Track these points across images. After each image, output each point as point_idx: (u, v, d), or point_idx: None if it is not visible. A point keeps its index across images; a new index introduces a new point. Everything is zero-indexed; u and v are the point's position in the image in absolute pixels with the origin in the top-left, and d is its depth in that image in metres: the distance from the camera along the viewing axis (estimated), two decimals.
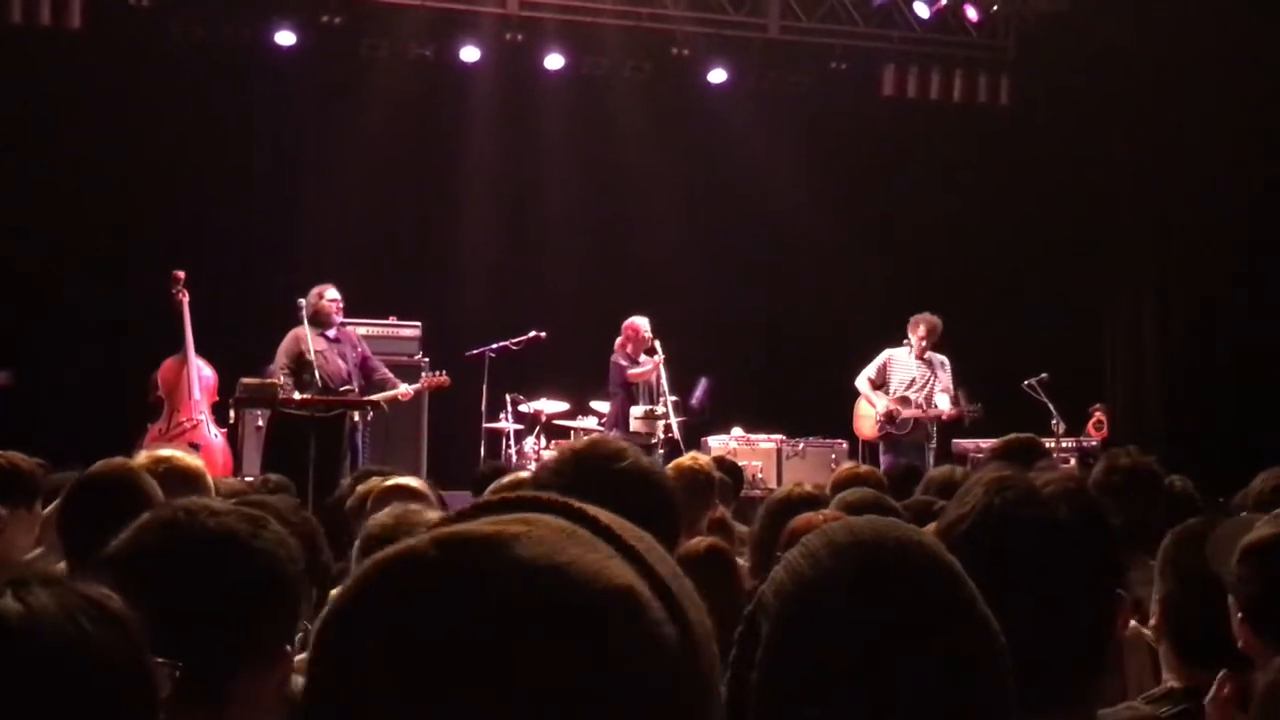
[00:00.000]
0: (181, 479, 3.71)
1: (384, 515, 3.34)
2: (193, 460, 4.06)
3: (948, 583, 1.37)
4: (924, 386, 11.13)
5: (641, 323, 11.25)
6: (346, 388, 9.95)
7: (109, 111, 11.80)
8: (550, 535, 0.90)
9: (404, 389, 10.16)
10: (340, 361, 10.04)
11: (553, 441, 11.40)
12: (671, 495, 2.39)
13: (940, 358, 11.23)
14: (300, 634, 2.15)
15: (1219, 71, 11.89)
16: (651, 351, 11.24)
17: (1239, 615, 2.52)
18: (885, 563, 1.37)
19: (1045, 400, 10.93)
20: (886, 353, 11.30)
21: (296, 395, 9.59)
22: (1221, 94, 11.95)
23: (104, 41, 11.88)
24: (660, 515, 2.28)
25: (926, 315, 11.15)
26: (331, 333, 10.07)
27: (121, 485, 3.34)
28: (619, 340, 11.31)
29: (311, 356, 9.79)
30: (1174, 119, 12.54)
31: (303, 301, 9.94)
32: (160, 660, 1.42)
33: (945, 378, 11.17)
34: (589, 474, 2.38)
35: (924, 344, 11.11)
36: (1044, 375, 10.99)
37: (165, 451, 4.06)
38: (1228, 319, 12.44)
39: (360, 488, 4.54)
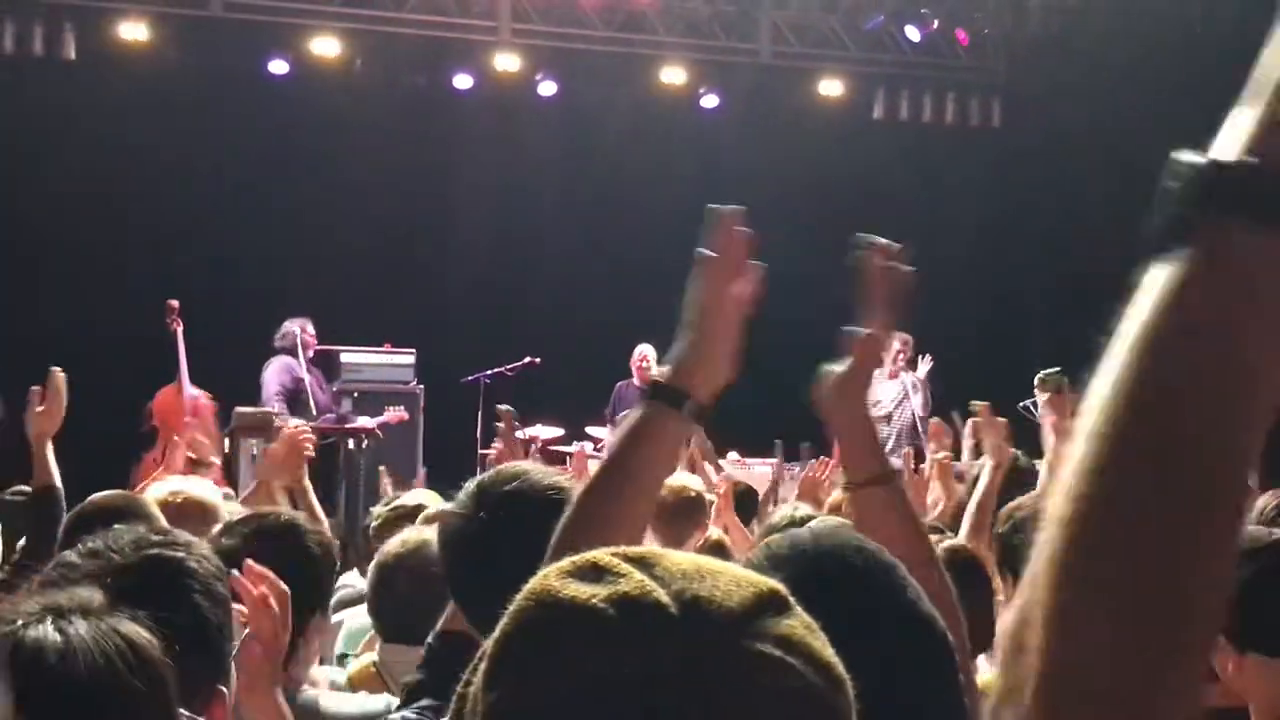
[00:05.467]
0: (196, 512, 3.67)
1: (394, 543, 3.34)
2: (205, 493, 4.00)
3: (888, 583, 1.38)
4: (897, 407, 11.07)
5: (647, 350, 11.27)
6: (330, 414, 9.97)
7: (102, 142, 11.80)
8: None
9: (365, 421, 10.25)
10: (320, 392, 10.08)
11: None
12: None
13: (914, 378, 11.18)
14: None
15: (1213, 96, 11.94)
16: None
17: None
18: (825, 566, 1.39)
19: (1040, 424, 10.89)
20: None
21: (296, 423, 9.58)
22: (1216, 118, 11.98)
23: (97, 72, 11.90)
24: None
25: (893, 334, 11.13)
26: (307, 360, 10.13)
27: (125, 515, 3.22)
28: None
29: (306, 385, 9.81)
30: (1167, 141, 12.57)
31: (293, 329, 9.94)
32: (185, 713, 1.41)
33: (918, 400, 11.08)
34: (486, 499, 2.44)
35: (897, 363, 11.06)
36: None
37: (178, 483, 4.02)
38: None
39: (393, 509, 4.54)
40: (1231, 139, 0.88)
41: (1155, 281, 0.86)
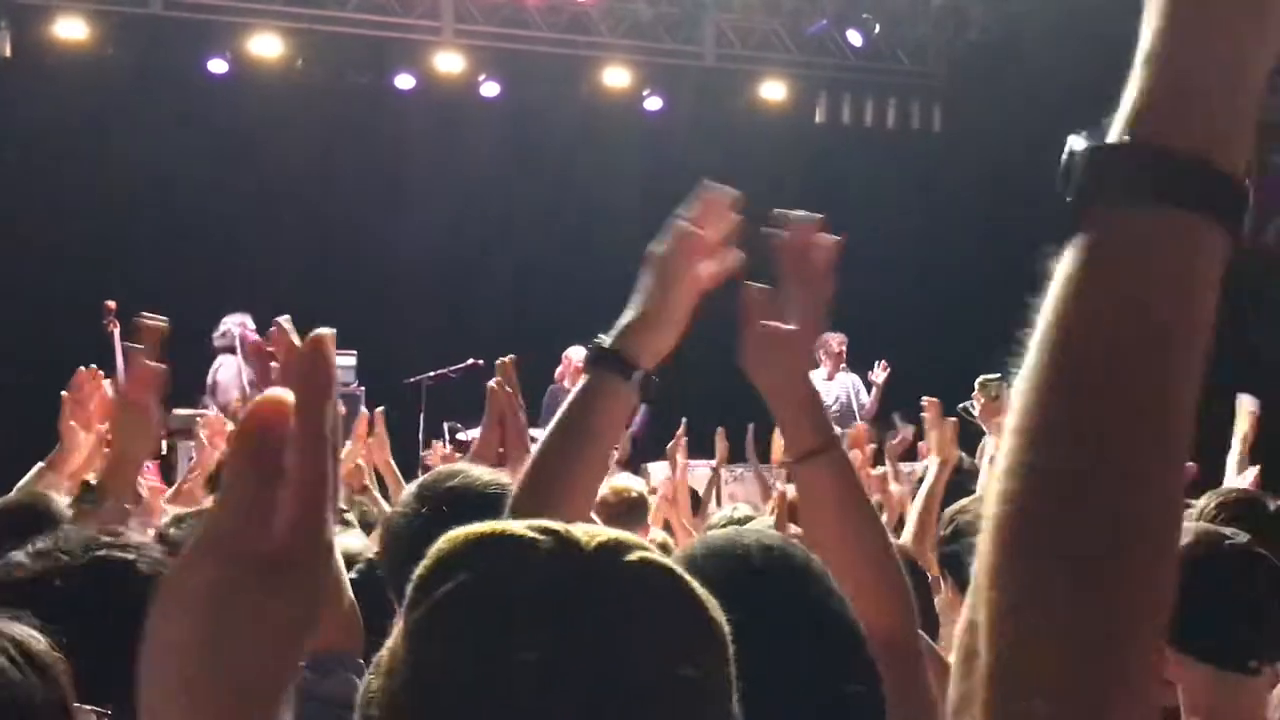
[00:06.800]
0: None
1: None
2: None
3: (802, 579, 1.41)
4: (840, 408, 11.09)
5: (577, 353, 11.25)
6: None
7: (39, 141, 11.64)
8: None
9: None
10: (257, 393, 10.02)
11: None
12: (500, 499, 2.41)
13: (856, 380, 11.19)
14: None
15: None
16: None
17: None
18: (734, 566, 1.44)
19: (981, 425, 10.97)
20: None
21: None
22: None
23: (34, 70, 11.75)
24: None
25: (829, 334, 11.15)
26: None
27: (35, 516, 3.15)
28: (558, 370, 11.29)
29: (249, 389, 9.72)
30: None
31: (232, 328, 9.83)
32: (86, 707, 1.39)
33: (864, 402, 11.09)
34: (428, 497, 2.50)
35: (832, 363, 11.06)
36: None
37: None
38: None
39: None
40: (1115, 121, 0.87)
41: (1058, 272, 0.87)
